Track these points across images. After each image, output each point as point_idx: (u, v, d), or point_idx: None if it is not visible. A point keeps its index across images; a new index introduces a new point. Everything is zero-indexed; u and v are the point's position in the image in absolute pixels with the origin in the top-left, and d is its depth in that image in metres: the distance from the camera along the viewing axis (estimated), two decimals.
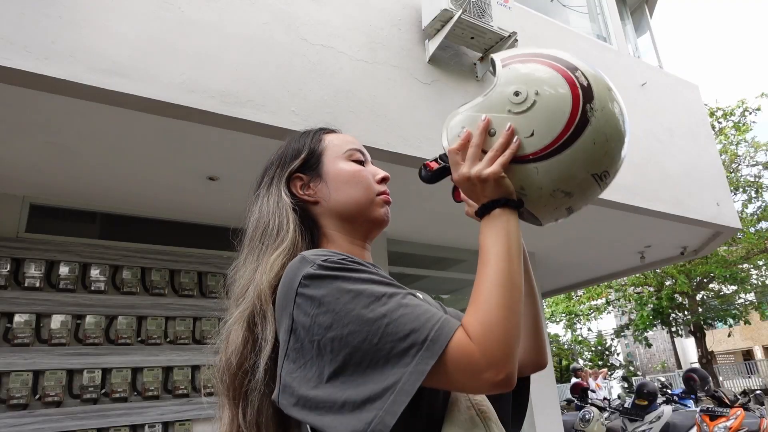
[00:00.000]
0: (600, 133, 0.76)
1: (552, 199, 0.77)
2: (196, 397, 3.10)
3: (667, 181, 4.06)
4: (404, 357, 0.61)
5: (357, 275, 0.67)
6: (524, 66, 0.80)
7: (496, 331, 0.63)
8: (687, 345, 22.11)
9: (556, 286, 7.04)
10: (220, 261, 3.44)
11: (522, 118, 0.76)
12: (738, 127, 13.16)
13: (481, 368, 0.60)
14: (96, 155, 2.56)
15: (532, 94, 0.76)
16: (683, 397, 6.33)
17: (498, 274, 0.68)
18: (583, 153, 0.75)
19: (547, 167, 0.75)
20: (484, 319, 0.64)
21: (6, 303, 2.73)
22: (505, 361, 0.62)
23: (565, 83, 0.76)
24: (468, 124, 0.79)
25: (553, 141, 0.74)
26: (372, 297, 0.65)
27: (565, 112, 0.74)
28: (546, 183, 0.76)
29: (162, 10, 2.18)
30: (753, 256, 12.60)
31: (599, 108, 0.76)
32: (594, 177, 0.77)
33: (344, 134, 0.95)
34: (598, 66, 0.83)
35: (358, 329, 0.62)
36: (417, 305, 0.65)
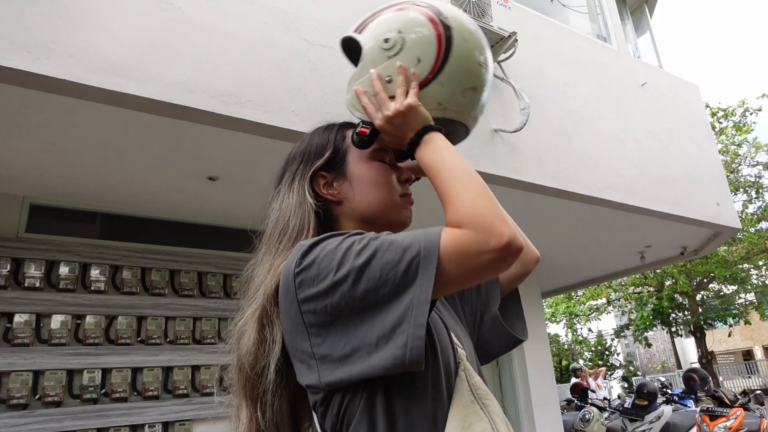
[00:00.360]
0: (463, 30, 0.88)
1: (464, 98, 0.89)
2: (196, 397, 3.10)
3: (667, 181, 4.06)
4: (408, 275, 0.65)
5: (338, 238, 0.71)
6: (375, 21, 0.91)
7: (478, 208, 0.67)
8: (687, 345, 22.11)
9: (556, 286, 7.03)
10: (220, 261, 3.44)
11: (403, 53, 0.86)
12: (739, 127, 13.16)
13: (481, 242, 0.64)
14: (96, 155, 2.56)
15: (395, 33, 0.87)
16: (683, 397, 6.33)
17: (457, 172, 0.73)
18: (464, 51, 0.87)
19: (447, 76, 0.86)
20: (462, 206, 0.68)
21: (6, 303, 2.73)
22: (501, 225, 0.65)
23: (413, 11, 0.89)
24: (365, 88, 0.88)
25: (437, 55, 0.85)
26: (359, 245, 0.69)
27: (430, 29, 0.86)
28: (454, 88, 0.87)
29: (162, 10, 2.18)
30: (753, 256, 12.61)
31: (449, 15, 0.89)
32: (480, 65, 0.90)
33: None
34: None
35: (359, 276, 0.66)
36: (404, 235, 0.69)
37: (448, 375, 0.74)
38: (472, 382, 0.76)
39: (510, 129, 3.11)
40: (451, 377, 0.74)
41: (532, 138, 3.27)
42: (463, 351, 0.81)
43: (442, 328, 0.80)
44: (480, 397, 0.74)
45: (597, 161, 3.63)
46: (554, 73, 3.66)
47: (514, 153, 3.16)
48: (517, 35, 3.01)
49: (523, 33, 3.39)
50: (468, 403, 0.72)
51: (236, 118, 2.24)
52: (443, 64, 0.85)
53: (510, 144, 3.16)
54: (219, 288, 3.40)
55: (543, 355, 4.83)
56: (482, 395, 0.75)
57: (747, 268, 13.24)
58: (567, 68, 3.78)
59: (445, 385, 0.72)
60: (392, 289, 0.65)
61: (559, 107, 3.58)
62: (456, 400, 0.72)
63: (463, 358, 0.79)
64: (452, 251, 0.64)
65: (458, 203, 0.69)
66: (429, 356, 0.71)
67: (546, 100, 3.51)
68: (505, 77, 3.17)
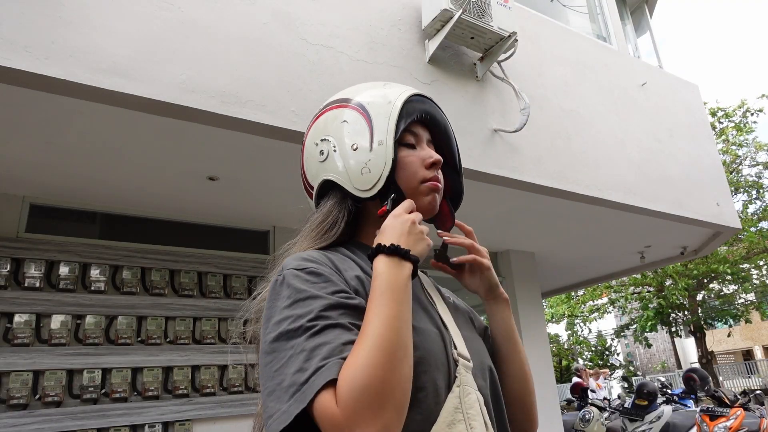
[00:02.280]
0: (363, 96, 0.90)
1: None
2: (196, 397, 3.10)
3: (667, 181, 4.06)
4: (286, 394, 0.62)
5: (284, 302, 0.70)
6: (307, 138, 0.93)
7: (358, 384, 0.60)
8: (687, 345, 22.11)
9: (556, 286, 7.04)
10: (220, 261, 3.44)
11: (339, 151, 0.85)
12: (739, 127, 13.16)
13: (342, 430, 0.59)
14: (96, 155, 2.56)
15: (321, 142, 0.88)
16: (683, 397, 6.32)
17: (375, 316, 0.67)
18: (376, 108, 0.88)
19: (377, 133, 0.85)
20: (347, 373, 0.61)
21: (6, 303, 2.73)
22: (369, 420, 0.59)
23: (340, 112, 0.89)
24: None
25: (369, 130, 0.84)
26: (287, 331, 0.67)
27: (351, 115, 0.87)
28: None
29: (162, 10, 2.18)
30: (753, 256, 12.62)
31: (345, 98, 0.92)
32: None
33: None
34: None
35: (268, 360, 0.67)
36: (317, 345, 0.64)
37: (428, 395, 0.71)
38: (465, 399, 0.73)
39: (510, 129, 3.11)
40: (435, 396, 0.71)
41: (531, 138, 3.27)
42: (470, 363, 0.78)
43: (434, 344, 0.76)
44: (469, 417, 0.71)
45: (597, 161, 3.63)
46: (554, 73, 3.66)
47: (513, 153, 3.16)
48: (517, 35, 3.01)
49: (523, 33, 3.39)
50: (451, 423, 0.70)
51: (236, 118, 2.24)
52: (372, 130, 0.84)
53: (510, 144, 3.16)
54: (219, 288, 3.40)
55: (543, 355, 4.83)
56: (471, 415, 0.71)
57: (747, 268, 13.24)
58: (567, 68, 3.77)
59: (419, 409, 0.69)
60: (278, 389, 0.64)
61: (559, 107, 3.58)
62: (440, 419, 0.70)
63: (464, 372, 0.76)
64: (318, 412, 0.61)
65: (353, 364, 0.62)
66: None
67: (546, 100, 3.51)
68: (505, 77, 3.17)
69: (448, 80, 3.05)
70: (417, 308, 0.80)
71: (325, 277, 0.72)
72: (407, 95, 0.87)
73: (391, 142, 0.82)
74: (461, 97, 3.06)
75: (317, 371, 0.62)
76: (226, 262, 3.45)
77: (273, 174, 2.82)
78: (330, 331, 0.65)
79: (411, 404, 0.67)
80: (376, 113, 0.84)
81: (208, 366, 3.19)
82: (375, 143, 0.83)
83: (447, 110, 0.99)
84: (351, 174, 0.83)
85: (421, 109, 0.88)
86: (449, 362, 0.76)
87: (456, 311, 0.90)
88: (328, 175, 0.85)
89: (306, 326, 0.66)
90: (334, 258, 0.78)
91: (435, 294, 0.89)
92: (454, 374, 0.75)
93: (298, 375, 0.62)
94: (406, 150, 0.86)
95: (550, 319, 19.23)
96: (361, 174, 0.82)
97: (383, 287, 0.69)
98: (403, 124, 0.84)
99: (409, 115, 0.86)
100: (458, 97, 3.04)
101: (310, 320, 0.66)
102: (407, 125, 0.86)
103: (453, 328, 0.83)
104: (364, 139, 0.83)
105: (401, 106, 0.84)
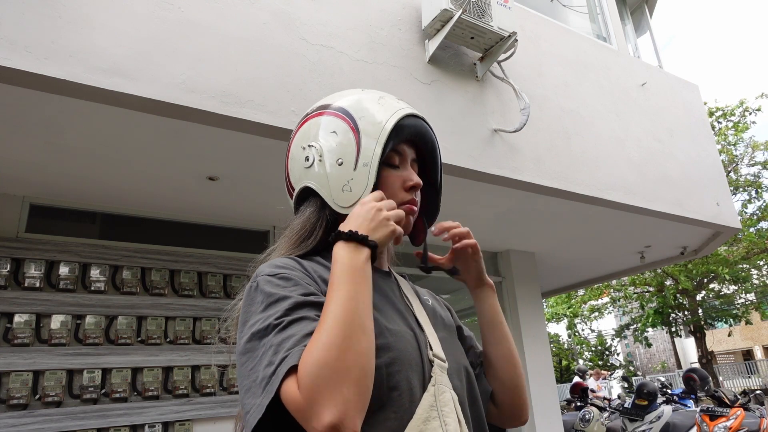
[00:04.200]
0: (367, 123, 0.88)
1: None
2: (196, 397, 3.10)
3: (667, 181, 4.06)
4: (259, 388, 0.65)
5: (257, 306, 0.73)
6: (294, 138, 0.95)
7: (317, 366, 0.62)
8: (687, 345, 22.11)
9: (556, 286, 7.04)
10: (220, 261, 3.44)
11: (324, 162, 0.86)
12: (737, 126, 13.17)
13: (306, 416, 0.61)
14: (96, 155, 2.56)
15: (307, 147, 0.89)
16: (683, 397, 6.32)
17: (335, 298, 0.69)
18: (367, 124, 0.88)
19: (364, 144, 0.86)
20: (308, 355, 0.63)
21: (6, 303, 2.73)
22: (326, 403, 0.60)
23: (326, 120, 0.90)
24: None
25: (356, 149, 0.85)
26: (258, 331, 0.70)
27: (345, 126, 0.87)
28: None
29: (162, 10, 2.18)
30: (753, 256, 12.61)
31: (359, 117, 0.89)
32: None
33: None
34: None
35: (243, 360, 0.70)
36: (284, 339, 0.67)
37: (403, 394, 0.73)
38: (440, 398, 0.75)
39: (510, 129, 3.11)
40: (410, 395, 0.73)
41: (531, 138, 3.27)
42: (445, 364, 0.80)
43: (408, 344, 0.78)
44: (443, 414, 0.73)
45: (597, 161, 3.63)
46: (554, 73, 3.66)
47: (513, 153, 3.16)
48: (517, 35, 3.01)
49: (523, 33, 3.40)
50: (426, 419, 0.72)
51: (236, 118, 2.24)
52: (359, 143, 0.85)
53: (510, 144, 3.16)
54: (219, 288, 3.40)
55: (543, 355, 4.83)
56: (446, 413, 0.74)
57: (747, 268, 13.24)
58: (567, 68, 3.78)
59: (394, 407, 0.71)
60: (252, 385, 0.67)
61: (559, 107, 3.58)
62: (415, 416, 0.72)
63: (439, 372, 0.78)
64: (285, 400, 0.63)
65: (313, 348, 0.64)
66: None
67: (546, 100, 3.51)
68: (505, 77, 3.17)
69: (448, 80, 3.05)
70: (392, 310, 0.83)
71: (294, 281, 0.75)
72: (399, 116, 0.87)
73: (376, 164, 0.83)
74: (461, 97, 3.06)
75: (282, 362, 0.65)
76: (226, 262, 3.45)
77: (273, 174, 2.82)
78: (296, 325, 0.68)
79: (386, 403, 0.71)
80: (366, 133, 0.85)
81: (208, 366, 3.19)
82: (360, 164, 0.84)
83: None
84: (332, 188, 0.85)
85: (410, 131, 0.89)
86: (424, 363, 0.78)
87: (434, 313, 0.93)
88: (310, 182, 0.87)
89: (274, 324, 0.69)
90: (307, 265, 0.81)
91: (412, 296, 0.92)
92: (429, 374, 0.77)
93: (268, 368, 0.66)
94: (388, 169, 0.87)
95: (550, 319, 19.23)
96: (342, 191, 0.84)
97: (340, 271, 0.71)
98: (390, 146, 0.85)
99: (398, 135, 0.86)
100: (458, 97, 3.04)
101: (278, 318, 0.69)
102: (395, 145, 0.87)
103: (429, 329, 0.85)
104: (350, 156, 0.84)
105: (390, 130, 0.85)
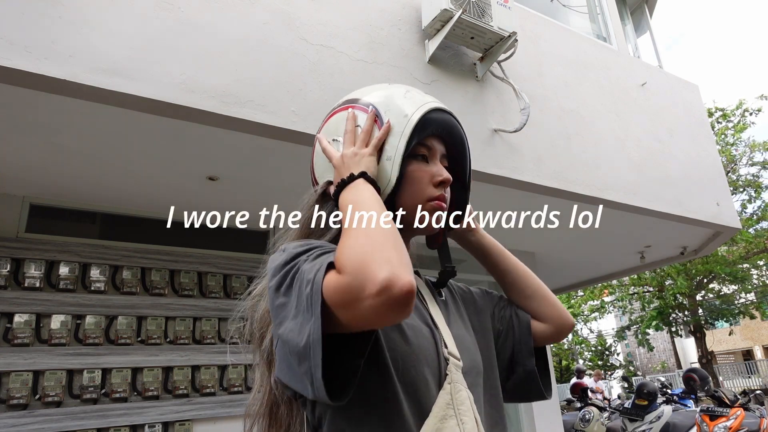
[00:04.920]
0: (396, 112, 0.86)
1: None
2: (196, 397, 3.10)
3: (667, 181, 4.06)
4: (307, 309, 0.64)
5: (284, 258, 0.72)
6: (321, 131, 0.92)
7: (357, 251, 0.63)
8: (687, 345, 22.10)
9: (556, 286, 7.03)
10: (220, 261, 3.44)
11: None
12: (736, 126, 13.18)
13: (357, 289, 0.59)
14: (96, 155, 2.56)
15: (332, 142, 0.87)
16: (683, 397, 6.33)
17: (358, 213, 0.70)
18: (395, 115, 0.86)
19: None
20: (344, 249, 0.64)
21: (6, 303, 2.73)
22: (377, 268, 0.60)
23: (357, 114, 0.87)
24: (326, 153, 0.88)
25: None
26: (290, 268, 0.70)
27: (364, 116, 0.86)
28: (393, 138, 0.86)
29: (161, 10, 2.18)
30: (752, 256, 12.62)
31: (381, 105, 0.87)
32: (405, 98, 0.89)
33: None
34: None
35: (277, 298, 0.69)
36: (315, 261, 0.68)
37: (418, 390, 0.73)
38: (456, 396, 0.74)
39: (510, 129, 3.11)
40: (425, 391, 0.73)
41: (531, 138, 3.27)
42: (460, 362, 0.80)
43: (425, 340, 0.78)
44: (460, 413, 0.73)
45: (597, 161, 3.63)
46: (554, 73, 3.66)
47: (513, 153, 3.16)
48: (517, 35, 3.01)
49: (523, 33, 3.40)
50: (443, 417, 0.71)
51: (236, 118, 2.24)
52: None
53: (510, 144, 3.16)
54: (219, 288, 3.40)
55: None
56: (462, 411, 0.73)
57: (747, 268, 13.24)
58: (567, 68, 3.78)
59: (409, 403, 0.71)
60: (301, 311, 0.65)
61: (559, 107, 3.58)
62: (432, 414, 0.71)
63: (454, 371, 0.77)
64: (333, 296, 0.62)
65: (343, 244, 0.65)
66: (377, 378, 0.70)
67: (546, 100, 3.51)
68: (505, 77, 3.17)
69: (448, 80, 3.05)
70: None
71: (320, 245, 0.75)
72: (425, 110, 0.84)
73: (399, 159, 0.81)
74: (461, 97, 3.06)
75: (317, 272, 0.65)
76: (226, 262, 3.45)
77: (273, 174, 2.82)
78: (325, 256, 0.69)
79: (401, 398, 0.71)
80: (391, 126, 0.83)
81: (208, 366, 3.19)
82: (384, 158, 0.82)
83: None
84: None
85: (438, 124, 0.86)
86: (440, 360, 0.78)
87: (448, 310, 0.92)
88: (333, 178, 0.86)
89: (305, 259, 0.70)
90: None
91: (426, 293, 0.90)
92: (445, 372, 0.77)
93: (308, 288, 0.65)
94: (416, 163, 0.84)
95: None
96: None
97: (350, 206, 0.72)
98: (416, 139, 0.82)
99: (424, 128, 0.84)
100: (458, 97, 3.04)
101: (308, 255, 0.70)
102: (422, 139, 0.84)
103: (443, 327, 0.84)
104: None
105: (415, 123, 0.82)
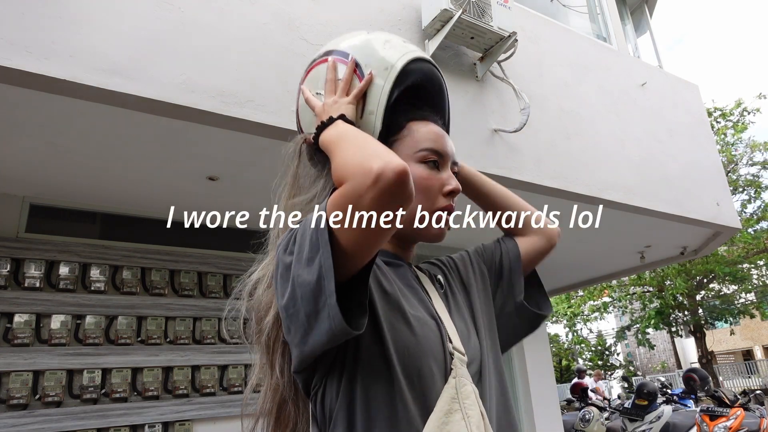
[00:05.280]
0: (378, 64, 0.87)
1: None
2: (196, 397, 3.10)
3: (667, 181, 4.06)
4: (315, 249, 0.66)
5: (287, 234, 0.75)
6: (304, 82, 0.95)
7: (351, 157, 0.68)
8: (687, 345, 22.10)
9: (556, 286, 7.04)
10: (220, 261, 3.44)
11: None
12: (736, 126, 13.18)
13: (358, 184, 0.63)
14: (96, 155, 2.56)
15: (316, 95, 0.90)
16: (683, 397, 6.33)
17: (348, 138, 0.73)
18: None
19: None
20: (339, 163, 0.70)
21: (6, 303, 2.73)
22: (370, 161, 0.63)
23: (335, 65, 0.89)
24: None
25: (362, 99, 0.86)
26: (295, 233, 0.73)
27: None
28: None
29: (162, 10, 2.18)
30: (752, 256, 12.62)
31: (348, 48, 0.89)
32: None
33: (431, 126, 0.89)
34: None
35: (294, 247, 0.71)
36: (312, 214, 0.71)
37: (424, 383, 0.73)
38: (461, 390, 0.74)
39: (510, 129, 3.11)
40: (432, 384, 0.73)
41: (531, 138, 3.27)
42: (464, 357, 0.80)
43: (431, 332, 0.78)
44: (465, 407, 0.73)
45: (597, 161, 3.63)
46: (554, 73, 3.66)
47: (513, 153, 3.16)
48: (517, 35, 3.01)
49: (523, 33, 3.39)
50: (448, 411, 0.71)
51: (236, 118, 2.24)
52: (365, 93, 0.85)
53: (510, 144, 3.16)
54: (219, 288, 3.40)
55: (543, 355, 4.83)
56: (468, 405, 0.74)
57: (747, 268, 13.24)
58: (567, 68, 3.78)
59: (414, 395, 0.71)
60: (310, 254, 0.66)
61: (559, 107, 3.58)
62: (437, 407, 0.71)
63: (459, 365, 0.77)
64: (337, 205, 0.65)
65: (336, 161, 0.70)
66: (382, 368, 0.71)
67: (546, 100, 3.51)
68: (505, 77, 3.17)
69: (448, 80, 3.03)
70: (415, 298, 0.82)
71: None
72: (406, 60, 0.85)
73: (382, 112, 0.83)
74: (461, 98, 3.06)
75: (318, 217, 0.68)
76: (226, 262, 3.45)
77: (273, 174, 2.82)
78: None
79: (406, 391, 0.71)
80: (372, 77, 0.84)
81: (208, 366, 3.19)
82: (366, 111, 0.84)
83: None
84: None
85: (418, 75, 0.87)
86: (445, 354, 0.78)
87: (448, 301, 0.91)
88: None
89: (305, 220, 0.73)
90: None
91: (430, 286, 0.90)
92: (450, 366, 0.77)
93: (311, 229, 0.68)
94: (426, 170, 0.84)
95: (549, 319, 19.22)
96: None
97: (334, 139, 0.76)
98: (397, 91, 0.84)
99: (405, 79, 0.85)
100: (458, 98, 3.04)
101: (306, 219, 0.73)
102: (430, 147, 0.85)
103: (447, 321, 0.84)
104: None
105: (397, 74, 0.84)
